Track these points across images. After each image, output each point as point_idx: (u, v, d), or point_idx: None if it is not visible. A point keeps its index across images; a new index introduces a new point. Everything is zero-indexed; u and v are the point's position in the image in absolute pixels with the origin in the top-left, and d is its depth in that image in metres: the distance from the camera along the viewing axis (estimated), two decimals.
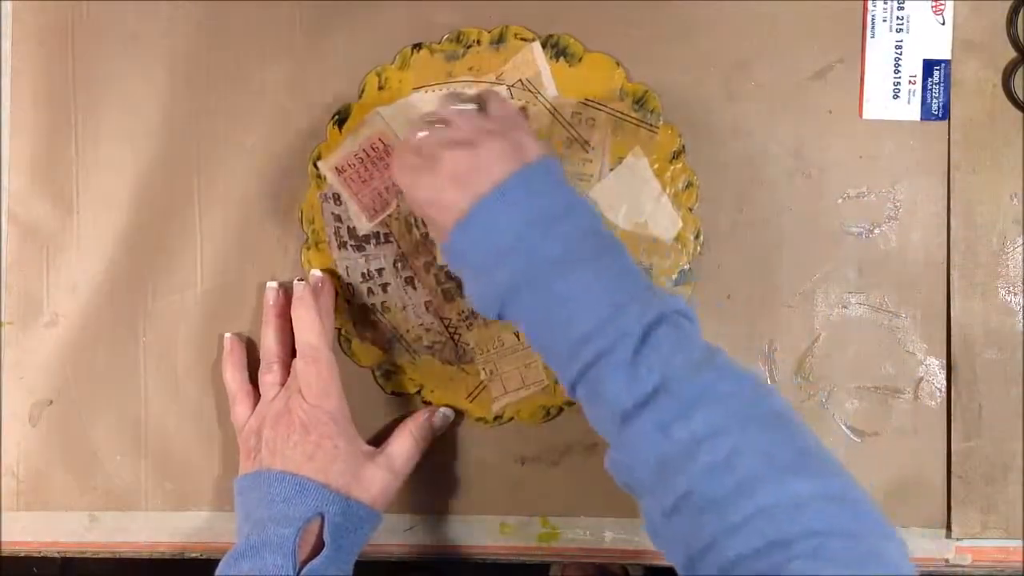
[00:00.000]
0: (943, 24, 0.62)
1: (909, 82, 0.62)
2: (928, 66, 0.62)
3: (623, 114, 0.62)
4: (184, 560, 0.66)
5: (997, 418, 0.61)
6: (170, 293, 0.65)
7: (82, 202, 0.65)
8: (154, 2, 0.65)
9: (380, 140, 0.63)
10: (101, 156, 0.65)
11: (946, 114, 0.62)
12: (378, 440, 0.62)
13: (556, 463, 0.63)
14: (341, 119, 0.63)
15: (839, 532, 0.41)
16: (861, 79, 0.62)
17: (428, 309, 0.63)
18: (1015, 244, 0.62)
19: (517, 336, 0.63)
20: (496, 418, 0.63)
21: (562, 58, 0.62)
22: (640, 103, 0.62)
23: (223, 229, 0.65)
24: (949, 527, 0.62)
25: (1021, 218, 0.62)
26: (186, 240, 0.65)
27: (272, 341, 0.61)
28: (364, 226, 0.63)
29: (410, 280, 0.63)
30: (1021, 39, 0.61)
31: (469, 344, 0.63)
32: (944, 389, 0.62)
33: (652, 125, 0.62)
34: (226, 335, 0.63)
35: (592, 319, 0.48)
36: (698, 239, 0.62)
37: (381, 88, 0.63)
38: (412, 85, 0.63)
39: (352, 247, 0.63)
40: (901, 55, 0.62)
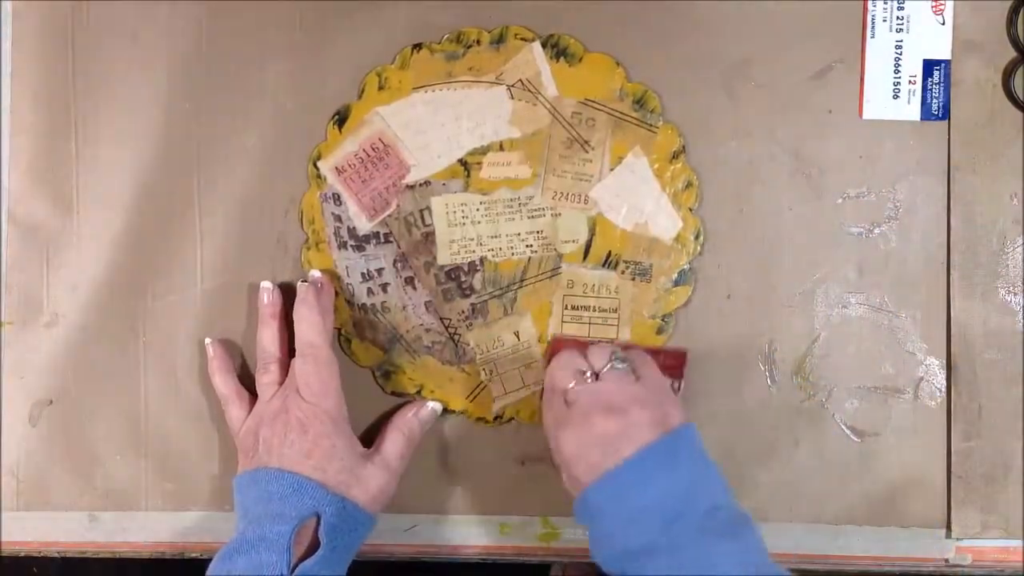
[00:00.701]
0: (943, 24, 0.62)
1: (909, 82, 0.62)
2: (928, 66, 0.62)
3: (623, 114, 0.62)
4: (184, 560, 0.65)
5: (997, 418, 0.61)
6: (170, 293, 0.65)
7: (82, 202, 0.65)
8: (154, 2, 0.65)
9: (380, 140, 0.63)
10: (101, 156, 0.65)
11: (946, 114, 0.62)
12: (372, 440, 0.62)
13: (556, 463, 0.63)
14: (341, 119, 0.63)
15: None
16: (861, 79, 0.62)
17: (428, 309, 0.63)
18: (1015, 244, 0.62)
19: (517, 336, 0.63)
20: (496, 418, 0.63)
21: (562, 58, 0.62)
22: (640, 103, 0.62)
23: (223, 229, 0.65)
24: (949, 527, 0.62)
25: (1021, 218, 0.62)
26: (186, 240, 0.65)
27: (269, 342, 0.61)
28: (364, 226, 0.63)
29: (410, 280, 0.63)
30: (1021, 39, 0.61)
31: (469, 344, 0.63)
32: (944, 389, 0.62)
33: (652, 125, 0.62)
34: (207, 341, 0.63)
35: None
36: (698, 239, 0.62)
37: (381, 88, 0.63)
38: (412, 85, 0.63)
39: (352, 247, 0.63)
40: (901, 55, 0.62)
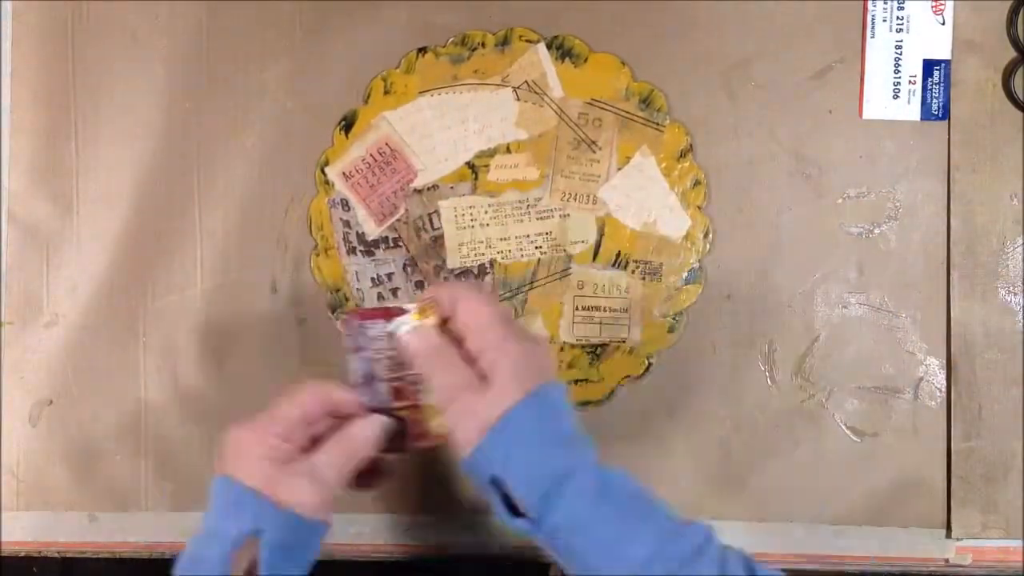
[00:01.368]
0: (943, 24, 0.62)
1: (909, 82, 0.62)
2: (928, 66, 0.62)
3: (630, 113, 0.62)
4: None
5: (997, 418, 0.61)
6: (170, 293, 0.65)
7: (82, 202, 0.65)
8: (154, 2, 0.65)
9: (387, 144, 0.63)
10: (101, 156, 0.65)
11: (946, 114, 0.62)
12: None
13: None
14: (348, 124, 0.63)
15: None
16: (861, 79, 0.62)
17: None
18: (1015, 244, 0.62)
19: None
20: None
21: (567, 59, 0.62)
22: (646, 102, 0.62)
23: (223, 229, 0.64)
24: (949, 527, 0.62)
25: (1021, 218, 0.62)
26: (186, 240, 0.65)
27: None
28: (373, 231, 0.63)
29: (420, 284, 0.63)
30: (1021, 39, 0.61)
31: None
32: (944, 389, 0.62)
33: (659, 124, 0.62)
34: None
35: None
36: (707, 237, 0.62)
37: (387, 93, 0.63)
38: (418, 89, 0.63)
39: (361, 252, 0.63)
40: (901, 55, 0.62)
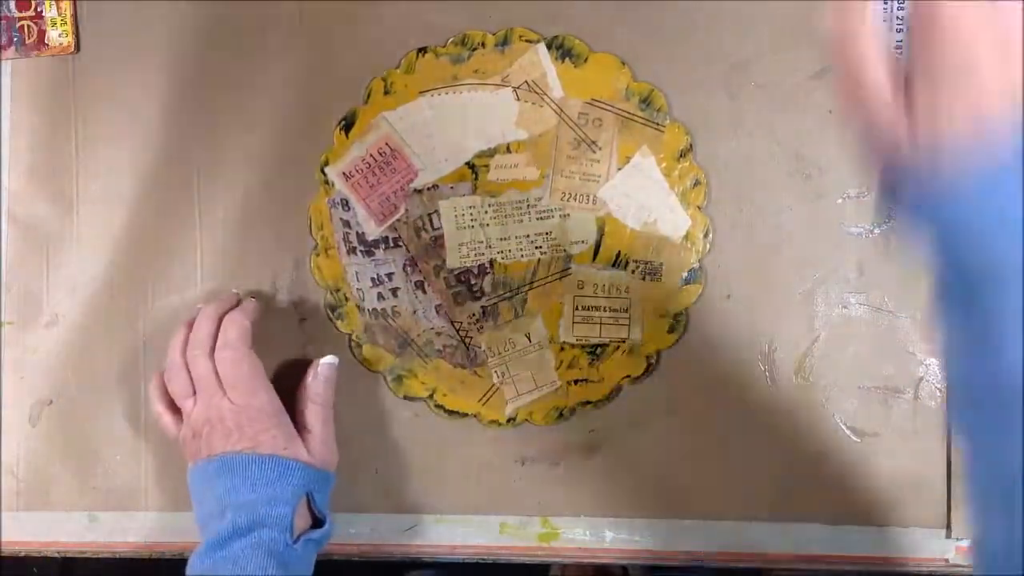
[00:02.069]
0: None
1: None
2: None
3: (630, 113, 0.62)
4: (184, 560, 0.65)
5: None
6: (170, 293, 0.65)
7: (82, 202, 0.65)
8: (154, 2, 0.65)
9: (387, 144, 0.62)
10: (101, 156, 0.65)
11: None
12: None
13: (556, 463, 0.63)
14: (347, 124, 0.63)
15: None
16: None
17: (439, 312, 0.63)
18: None
19: (528, 338, 0.63)
20: (509, 420, 0.63)
21: (567, 59, 0.62)
22: (646, 102, 0.62)
23: (223, 229, 0.64)
24: (949, 527, 0.62)
25: None
26: (186, 240, 0.65)
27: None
28: (373, 231, 0.63)
29: (420, 284, 0.63)
30: None
31: (480, 347, 0.63)
32: (944, 389, 0.62)
33: (659, 124, 0.62)
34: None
35: None
36: (707, 237, 0.62)
37: (387, 93, 0.63)
38: (418, 89, 0.63)
39: (361, 252, 0.63)
40: (901, 55, 0.62)
